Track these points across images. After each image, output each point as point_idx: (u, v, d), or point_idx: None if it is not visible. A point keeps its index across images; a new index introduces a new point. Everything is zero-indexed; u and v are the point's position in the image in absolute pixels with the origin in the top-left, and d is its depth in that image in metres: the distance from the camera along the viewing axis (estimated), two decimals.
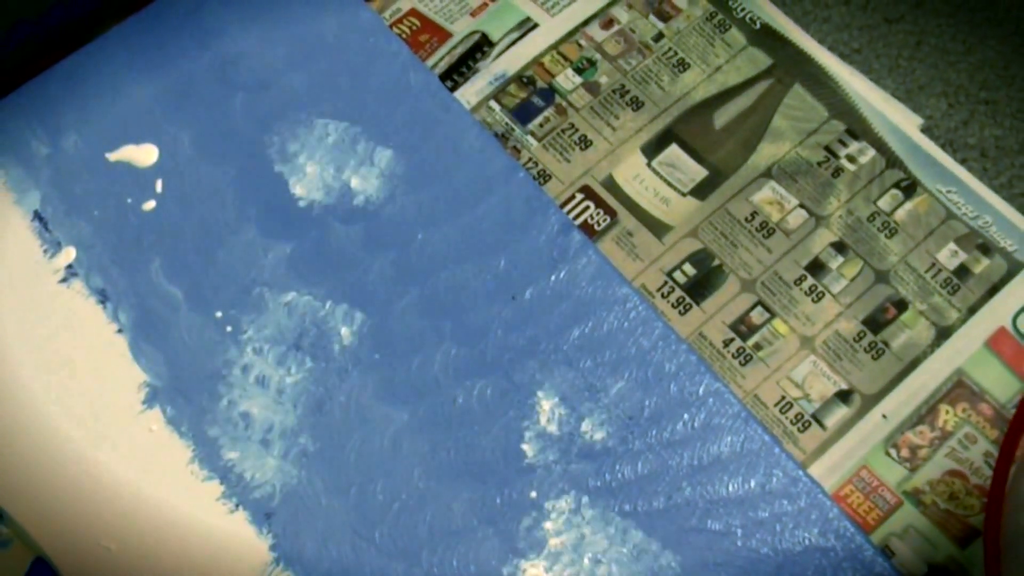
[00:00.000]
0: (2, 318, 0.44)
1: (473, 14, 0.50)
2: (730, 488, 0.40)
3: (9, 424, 0.42)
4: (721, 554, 0.39)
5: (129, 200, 0.46)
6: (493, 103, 0.48)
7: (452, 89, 0.48)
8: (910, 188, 0.46)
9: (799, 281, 0.44)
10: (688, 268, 0.45)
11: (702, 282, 0.44)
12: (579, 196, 0.46)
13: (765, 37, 0.49)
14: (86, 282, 0.45)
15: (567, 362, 0.42)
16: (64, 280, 0.45)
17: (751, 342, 0.43)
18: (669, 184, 0.46)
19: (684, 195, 0.46)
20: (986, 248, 0.44)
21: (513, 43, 0.49)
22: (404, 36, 0.49)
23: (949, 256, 0.44)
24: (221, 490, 0.41)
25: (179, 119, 0.47)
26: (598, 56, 0.49)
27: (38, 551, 0.40)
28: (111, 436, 0.42)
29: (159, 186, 0.46)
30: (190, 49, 0.48)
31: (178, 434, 0.42)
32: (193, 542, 0.40)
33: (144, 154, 0.46)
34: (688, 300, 0.44)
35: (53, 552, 0.40)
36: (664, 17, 0.49)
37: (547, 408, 0.42)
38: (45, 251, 0.45)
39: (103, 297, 0.44)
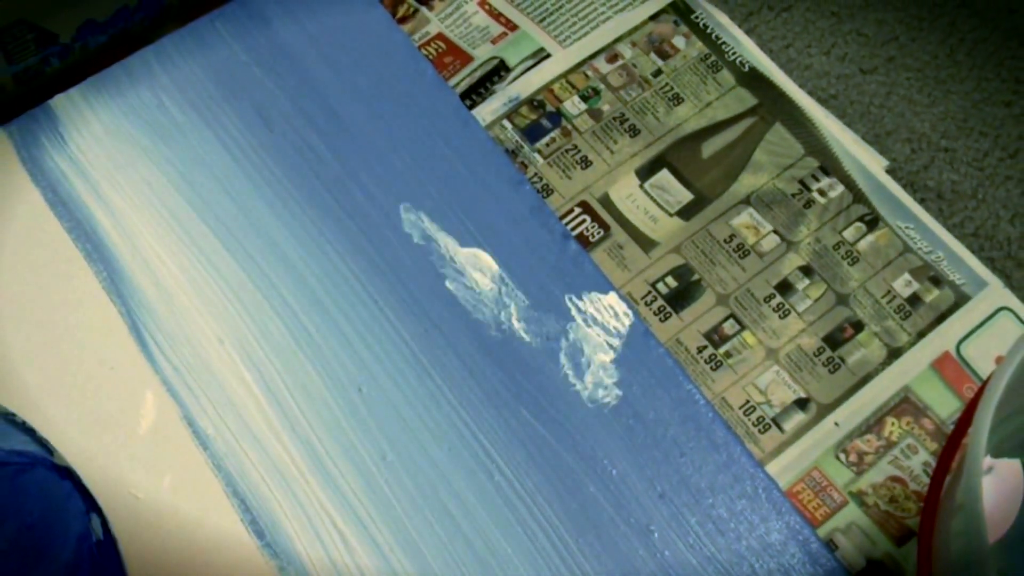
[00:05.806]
0: (65, 277, 0.44)
1: (493, 41, 0.50)
2: (693, 480, 0.40)
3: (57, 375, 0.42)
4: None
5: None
6: (506, 122, 0.48)
7: (470, 107, 0.48)
8: (873, 222, 0.46)
9: (768, 299, 0.45)
10: (670, 280, 0.45)
11: (682, 294, 0.45)
12: (577, 210, 0.47)
13: (752, 79, 0.49)
14: None
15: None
16: None
17: (722, 350, 0.44)
18: (658, 204, 0.47)
19: (671, 215, 0.46)
20: (937, 280, 0.45)
21: (527, 70, 0.50)
22: (430, 57, 0.50)
23: (903, 285, 0.45)
24: (241, 458, 0.41)
25: (224, 122, 0.47)
26: (602, 86, 0.49)
27: None
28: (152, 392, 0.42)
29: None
30: (239, 57, 0.48)
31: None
32: (210, 501, 0.40)
33: None
34: (668, 309, 0.45)
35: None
36: (663, 56, 0.50)
37: None
38: None
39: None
